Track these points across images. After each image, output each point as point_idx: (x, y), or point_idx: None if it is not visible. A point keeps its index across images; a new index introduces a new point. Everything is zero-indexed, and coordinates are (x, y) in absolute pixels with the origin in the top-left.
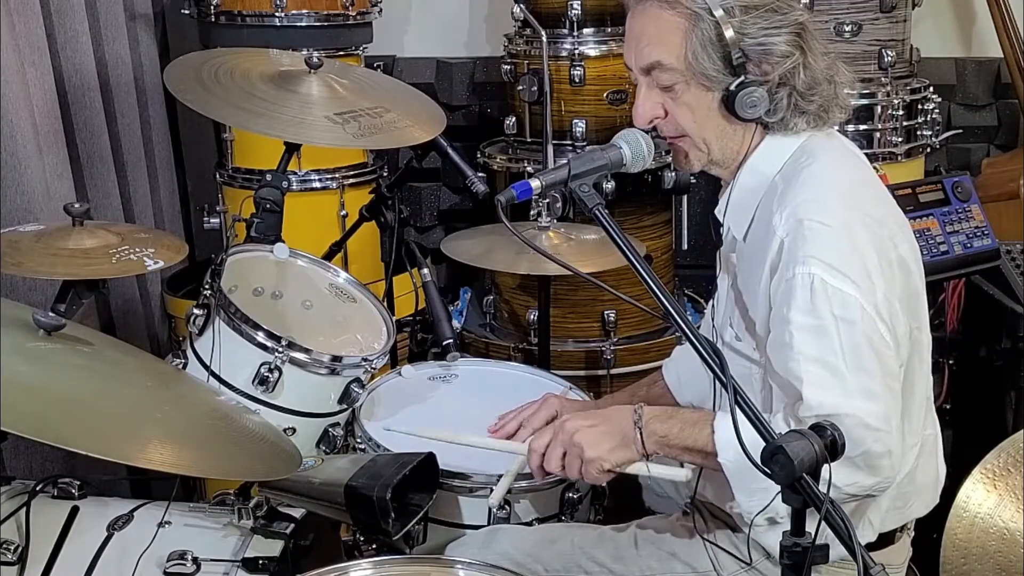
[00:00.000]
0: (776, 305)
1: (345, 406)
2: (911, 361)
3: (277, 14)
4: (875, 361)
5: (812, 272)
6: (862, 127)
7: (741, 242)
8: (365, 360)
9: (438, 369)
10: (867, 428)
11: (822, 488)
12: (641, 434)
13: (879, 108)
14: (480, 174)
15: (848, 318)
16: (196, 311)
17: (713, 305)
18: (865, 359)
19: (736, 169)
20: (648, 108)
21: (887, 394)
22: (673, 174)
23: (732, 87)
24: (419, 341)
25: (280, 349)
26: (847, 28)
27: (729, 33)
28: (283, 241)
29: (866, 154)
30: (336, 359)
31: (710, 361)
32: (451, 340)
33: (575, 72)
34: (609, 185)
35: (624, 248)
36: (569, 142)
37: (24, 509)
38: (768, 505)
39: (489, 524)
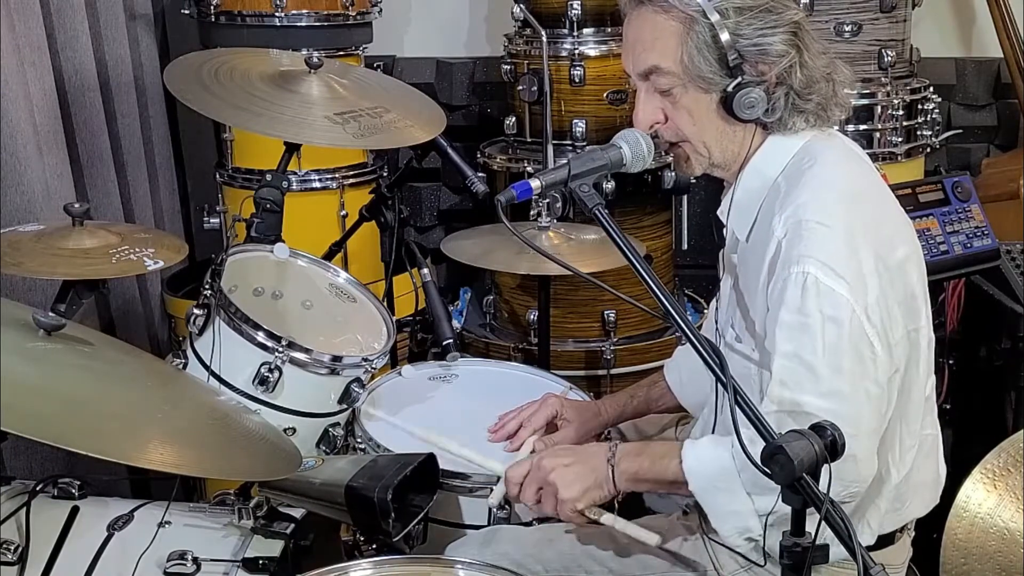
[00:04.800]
0: (772, 307)
1: (345, 406)
2: (907, 363)
3: (277, 14)
4: (855, 364)
5: (807, 271)
6: (862, 127)
7: (743, 243)
8: (365, 360)
9: (438, 369)
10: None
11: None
12: (613, 473)
13: (879, 108)
14: (480, 174)
15: (836, 318)
16: (196, 311)
17: (716, 306)
18: (844, 360)
19: (738, 170)
20: (648, 113)
21: (862, 398)
22: (673, 174)
23: (729, 88)
24: (419, 341)
25: (280, 349)
26: (847, 28)
27: (724, 35)
28: (283, 241)
29: (866, 154)
30: (336, 359)
31: (710, 361)
32: (451, 340)
33: (575, 72)
34: (609, 185)
35: (624, 248)
36: (569, 142)
37: (24, 509)
38: (744, 527)
39: (489, 524)
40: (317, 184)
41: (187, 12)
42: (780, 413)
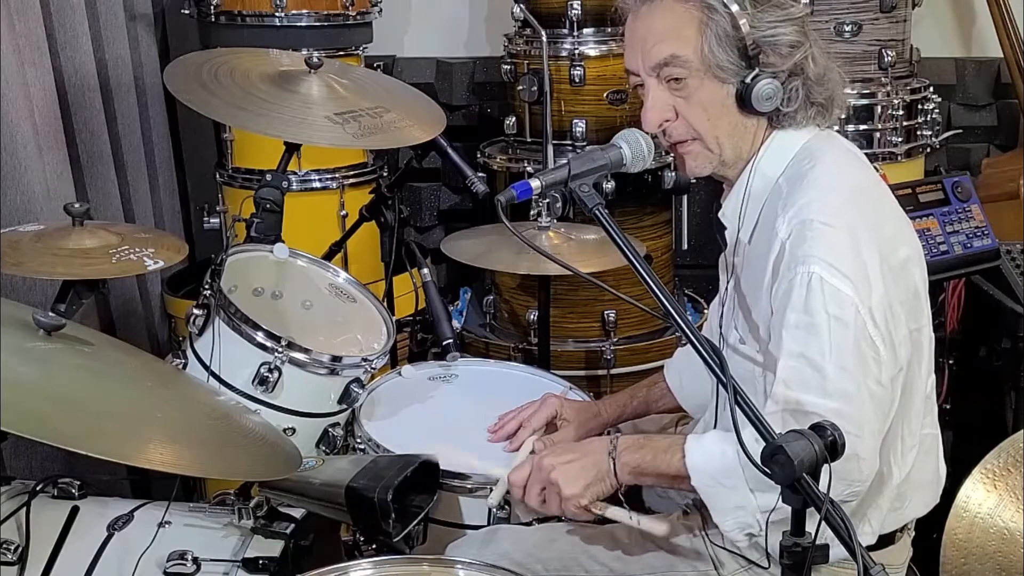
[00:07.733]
0: (777, 308)
1: (345, 406)
2: (910, 362)
3: (277, 14)
4: (859, 364)
5: (812, 271)
6: (862, 127)
7: (746, 244)
8: (365, 360)
9: (438, 369)
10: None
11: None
12: (615, 465)
13: (879, 108)
14: (480, 174)
15: (842, 318)
16: (196, 311)
17: (720, 310)
18: (849, 361)
19: (741, 170)
20: (658, 111)
21: (866, 398)
22: (673, 174)
23: (748, 80)
24: (419, 341)
25: (280, 349)
26: (847, 28)
27: (744, 25)
28: (283, 241)
29: (866, 154)
30: (336, 359)
31: (710, 361)
32: (451, 340)
33: (575, 72)
34: (609, 185)
35: (624, 248)
36: (569, 142)
37: (24, 509)
38: (745, 523)
39: (489, 524)
40: (317, 184)
41: (187, 12)
42: (784, 413)
